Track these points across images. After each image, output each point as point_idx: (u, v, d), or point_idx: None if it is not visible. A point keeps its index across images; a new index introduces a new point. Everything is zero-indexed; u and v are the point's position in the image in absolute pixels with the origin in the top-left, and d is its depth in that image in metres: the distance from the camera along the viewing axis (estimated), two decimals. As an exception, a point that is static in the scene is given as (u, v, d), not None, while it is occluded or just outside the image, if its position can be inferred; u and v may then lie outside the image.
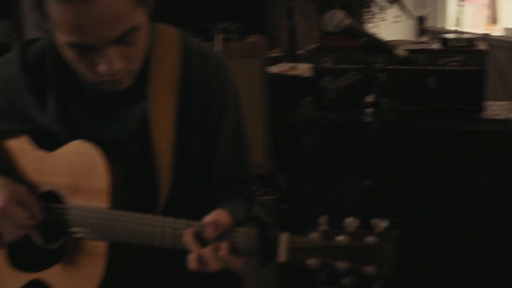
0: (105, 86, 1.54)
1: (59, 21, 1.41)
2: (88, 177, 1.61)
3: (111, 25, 1.40)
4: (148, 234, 1.50)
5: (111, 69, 1.46)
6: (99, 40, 1.42)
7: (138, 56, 1.52)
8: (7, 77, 1.68)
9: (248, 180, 1.75)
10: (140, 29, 1.47)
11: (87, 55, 1.45)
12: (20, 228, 1.64)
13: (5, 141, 1.78)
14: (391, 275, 1.29)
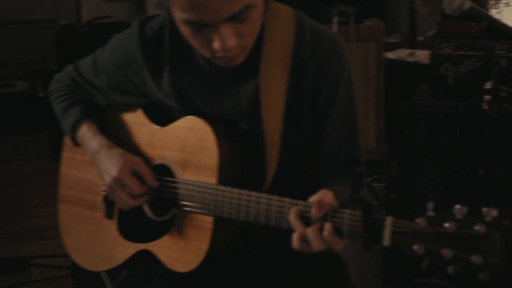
0: (219, 61, 1.56)
1: None
2: (198, 152, 1.64)
3: (227, 3, 1.41)
4: (254, 211, 1.51)
5: (225, 46, 1.47)
6: (214, 18, 1.43)
7: (252, 34, 1.53)
8: (126, 53, 1.73)
9: (358, 162, 1.73)
10: (255, 7, 1.47)
11: (202, 31, 1.47)
12: (133, 197, 1.70)
13: (122, 114, 1.85)
14: (499, 266, 1.24)
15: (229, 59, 1.54)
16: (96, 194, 1.87)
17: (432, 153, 2.73)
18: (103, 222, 1.85)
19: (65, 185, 1.98)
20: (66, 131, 1.86)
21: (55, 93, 1.91)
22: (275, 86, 1.63)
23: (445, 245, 1.27)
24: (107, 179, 1.71)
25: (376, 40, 2.89)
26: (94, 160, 1.78)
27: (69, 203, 1.96)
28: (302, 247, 1.42)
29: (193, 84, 1.69)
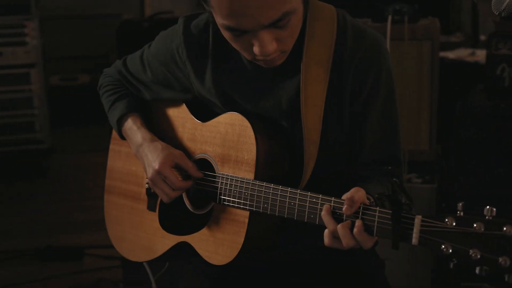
0: (259, 63, 1.58)
1: (217, 5, 1.44)
2: (237, 147, 1.67)
3: (266, 11, 1.42)
4: (288, 206, 1.53)
5: (265, 51, 1.48)
6: (254, 25, 1.44)
7: (291, 37, 1.54)
8: (171, 48, 1.77)
9: (397, 161, 1.72)
10: (294, 12, 1.48)
11: (242, 36, 1.49)
12: (174, 190, 1.73)
13: (166, 109, 1.88)
14: (528, 269, 1.22)
15: (269, 62, 1.55)
16: (140, 186, 1.91)
17: (482, 153, 2.69)
18: (146, 213, 1.89)
19: (111, 176, 2.03)
20: (112, 124, 1.91)
21: (103, 88, 1.96)
22: (316, 85, 1.64)
23: (473, 246, 1.26)
24: (149, 171, 1.75)
25: (431, 40, 2.85)
26: (138, 153, 1.82)
27: (115, 194, 2.01)
28: (333, 243, 1.43)
29: (234, 82, 1.71)
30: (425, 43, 2.86)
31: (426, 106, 2.89)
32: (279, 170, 1.66)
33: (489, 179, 2.75)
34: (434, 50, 2.85)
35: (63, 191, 4.48)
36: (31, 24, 4.61)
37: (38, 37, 4.65)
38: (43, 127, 4.78)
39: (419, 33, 2.86)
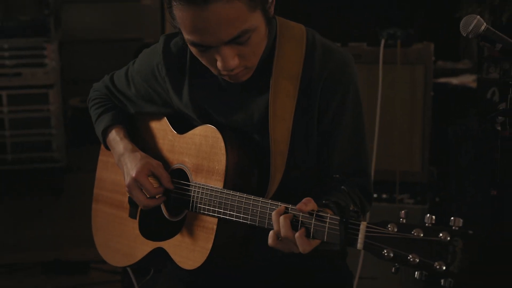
0: (225, 78, 1.67)
1: (181, 22, 1.55)
2: (210, 158, 1.75)
3: (225, 28, 1.52)
4: (250, 213, 1.61)
5: (227, 66, 1.58)
6: (215, 41, 1.55)
7: (254, 54, 1.63)
8: (152, 65, 1.87)
9: (364, 174, 1.79)
10: (255, 31, 1.57)
11: (207, 52, 1.59)
12: (148, 200, 1.82)
13: (149, 122, 1.98)
14: (461, 273, 1.28)
15: (233, 77, 1.65)
16: (124, 195, 2.00)
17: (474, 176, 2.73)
18: (128, 221, 1.98)
19: (99, 186, 2.13)
20: (98, 135, 2.01)
21: (91, 101, 2.07)
22: (285, 100, 1.72)
23: (412, 251, 1.32)
24: (127, 179, 1.84)
25: (424, 64, 2.92)
26: (119, 162, 1.91)
27: (101, 203, 2.10)
28: (275, 244, 1.53)
29: (209, 96, 1.80)
30: (418, 67, 2.93)
31: (419, 129, 2.95)
32: (247, 180, 1.74)
33: (482, 199, 2.79)
34: (427, 74, 2.92)
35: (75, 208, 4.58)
36: (50, 46, 4.77)
37: (57, 59, 4.81)
38: (59, 146, 4.92)
39: (412, 57, 2.93)
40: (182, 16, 1.53)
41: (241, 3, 1.50)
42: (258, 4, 1.55)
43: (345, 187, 1.67)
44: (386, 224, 1.36)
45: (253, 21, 1.55)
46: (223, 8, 1.49)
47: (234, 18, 1.51)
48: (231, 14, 1.50)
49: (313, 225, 1.48)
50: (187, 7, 1.51)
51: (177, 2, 1.52)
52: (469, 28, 1.85)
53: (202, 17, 1.50)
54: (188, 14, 1.52)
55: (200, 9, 1.49)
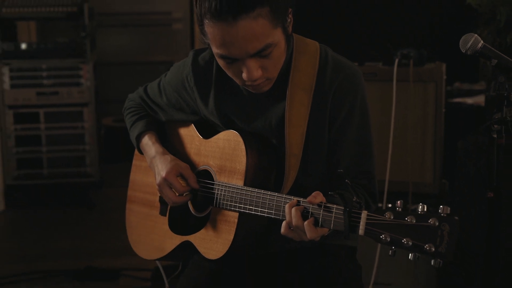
0: (249, 89, 1.89)
1: (211, 37, 1.78)
2: (232, 159, 1.96)
3: (251, 42, 1.74)
4: (267, 206, 1.82)
5: (251, 77, 1.80)
6: (241, 54, 1.77)
7: (275, 67, 1.84)
8: (182, 76, 2.09)
9: (369, 176, 1.99)
10: (276, 45, 1.79)
11: (233, 64, 1.81)
12: (178, 196, 2.03)
13: (178, 128, 2.20)
14: (447, 254, 1.47)
15: (256, 87, 1.87)
16: (155, 195, 2.22)
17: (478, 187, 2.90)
18: (158, 218, 2.19)
19: (132, 187, 2.34)
20: (132, 140, 2.23)
21: (127, 110, 2.29)
22: (299, 108, 1.93)
23: (406, 235, 1.52)
24: (158, 179, 2.05)
25: (435, 82, 3.11)
26: (151, 164, 2.13)
27: (134, 203, 2.32)
28: (287, 232, 1.74)
29: (233, 105, 2.02)
30: (430, 84, 3.12)
31: (430, 143, 3.14)
32: (265, 179, 1.95)
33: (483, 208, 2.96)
34: (438, 91, 3.11)
35: (106, 221, 4.82)
36: (86, 67, 5.03)
37: (92, 79, 5.07)
38: (92, 162, 5.16)
39: (424, 76, 3.12)
40: (213, 32, 1.75)
41: (265, 20, 1.72)
42: (279, 22, 1.77)
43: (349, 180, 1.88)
44: (384, 212, 1.56)
45: (275, 36, 1.77)
46: (250, 24, 1.71)
47: (259, 33, 1.73)
48: (257, 30, 1.72)
49: (321, 215, 1.68)
50: (218, 23, 1.73)
51: (208, 20, 1.74)
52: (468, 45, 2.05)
53: (230, 32, 1.72)
54: (218, 30, 1.74)
55: (230, 25, 1.71)
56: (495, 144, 2.06)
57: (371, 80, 3.14)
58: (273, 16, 1.74)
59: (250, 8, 1.70)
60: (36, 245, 4.39)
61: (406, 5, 4.87)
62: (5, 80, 4.94)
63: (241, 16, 1.70)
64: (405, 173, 3.19)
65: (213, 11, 1.72)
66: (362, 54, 3.36)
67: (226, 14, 1.70)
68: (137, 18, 6.52)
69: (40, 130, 5.06)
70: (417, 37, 4.60)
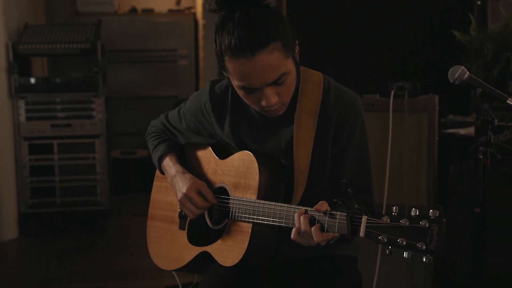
0: (267, 114, 2.14)
1: (232, 72, 2.01)
2: (246, 176, 2.20)
3: (268, 74, 1.98)
4: (278, 216, 2.05)
5: (270, 103, 2.04)
6: (260, 84, 2.00)
7: (288, 92, 2.08)
8: (200, 104, 2.34)
9: (368, 190, 2.22)
10: (289, 73, 2.04)
11: (252, 93, 2.05)
12: (198, 209, 2.26)
13: (196, 150, 2.44)
14: (437, 251, 1.70)
15: (273, 112, 2.11)
16: (175, 211, 2.45)
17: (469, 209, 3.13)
18: (177, 232, 2.41)
19: (153, 205, 2.57)
20: (154, 162, 2.47)
21: (149, 135, 2.54)
22: (306, 131, 2.18)
23: (401, 236, 1.75)
24: (179, 195, 2.29)
25: (429, 112, 3.37)
26: (172, 182, 2.37)
27: (155, 220, 2.55)
28: (297, 238, 1.96)
29: (246, 129, 2.26)
30: (424, 114, 3.37)
31: (425, 169, 3.38)
32: (276, 193, 2.18)
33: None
34: (431, 120, 3.35)
35: (116, 247, 5.04)
36: (98, 100, 5.28)
37: (103, 112, 5.31)
38: (103, 191, 5.39)
39: (418, 106, 3.37)
40: (234, 67, 1.99)
41: (279, 53, 1.97)
42: (290, 53, 2.02)
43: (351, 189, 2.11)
44: (381, 216, 1.80)
45: (288, 66, 2.01)
46: (267, 57, 1.95)
47: (275, 64, 1.97)
48: (273, 62, 1.97)
49: (326, 221, 1.91)
50: (238, 60, 1.96)
51: (229, 57, 1.98)
52: (455, 76, 2.29)
53: (250, 66, 1.96)
54: (239, 65, 1.97)
55: (249, 60, 1.95)
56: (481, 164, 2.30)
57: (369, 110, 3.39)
58: (284, 48, 1.98)
59: (266, 43, 1.94)
60: (50, 269, 4.58)
61: (402, 42, 5.15)
62: (21, 113, 5.18)
63: (258, 51, 1.93)
64: (401, 197, 3.41)
65: (233, 48, 1.95)
66: (360, 87, 3.62)
67: (245, 51, 1.94)
68: (145, 55, 6.77)
69: (54, 160, 5.29)
70: (412, 71, 4.86)
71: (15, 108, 5.18)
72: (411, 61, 4.98)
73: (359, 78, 4.43)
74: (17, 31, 5.34)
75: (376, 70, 4.56)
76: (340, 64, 4.92)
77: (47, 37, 5.28)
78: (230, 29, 1.95)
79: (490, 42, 3.31)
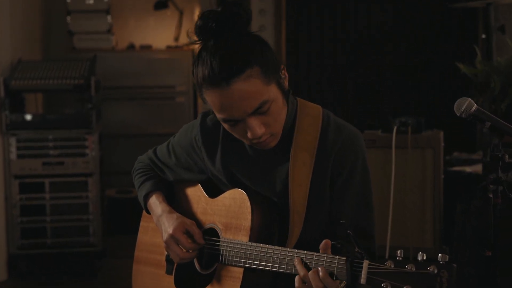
0: (257, 146, 1.98)
1: (211, 103, 1.91)
2: (237, 216, 2.04)
3: (247, 102, 1.86)
4: (272, 260, 1.88)
5: (255, 134, 1.91)
6: (241, 114, 1.88)
7: (276, 122, 1.94)
8: (191, 137, 2.19)
9: (369, 235, 2.05)
10: (273, 101, 1.90)
11: (237, 125, 1.93)
12: (184, 253, 2.09)
13: (185, 188, 2.28)
14: (446, 300, 1.53)
15: (262, 144, 1.96)
16: (162, 254, 2.28)
17: (477, 250, 2.96)
18: (164, 277, 2.24)
19: (139, 248, 2.40)
20: (140, 200, 2.31)
21: (136, 171, 2.38)
22: (302, 168, 2.02)
23: (407, 282, 1.58)
24: (165, 236, 2.12)
25: (433, 148, 3.21)
26: (158, 222, 2.20)
27: (141, 263, 2.38)
28: (301, 286, 1.76)
29: (238, 163, 2.11)
30: (428, 151, 3.22)
31: (430, 208, 3.21)
32: (270, 234, 2.01)
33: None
34: (436, 157, 3.20)
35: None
36: (91, 138, 5.13)
37: (97, 150, 5.16)
38: (96, 232, 5.20)
39: (422, 142, 3.23)
40: (212, 99, 1.89)
41: (257, 80, 1.85)
42: (272, 79, 1.89)
43: (351, 231, 1.94)
44: (385, 261, 1.62)
45: (270, 93, 1.88)
46: (243, 85, 1.84)
47: (253, 92, 1.85)
48: (250, 89, 1.85)
49: (324, 266, 1.74)
50: (214, 90, 1.87)
51: (205, 88, 1.89)
52: (462, 109, 2.14)
53: (227, 96, 1.85)
54: (215, 96, 1.87)
55: (224, 90, 1.85)
56: (492, 203, 2.13)
57: (370, 147, 3.24)
58: (264, 74, 1.87)
59: (240, 71, 1.83)
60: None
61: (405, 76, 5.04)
62: (12, 151, 5.02)
63: (233, 79, 1.83)
64: (405, 239, 3.25)
65: (207, 79, 1.86)
66: (361, 123, 3.47)
67: (219, 80, 1.84)
68: (142, 91, 6.66)
69: (45, 199, 5.11)
70: (416, 106, 4.74)
71: (6, 145, 5.02)
72: (415, 96, 4.87)
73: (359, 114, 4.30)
74: (10, 66, 5.22)
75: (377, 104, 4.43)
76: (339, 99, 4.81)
77: (40, 72, 5.16)
78: (205, 59, 1.88)
79: (497, 74, 3.17)
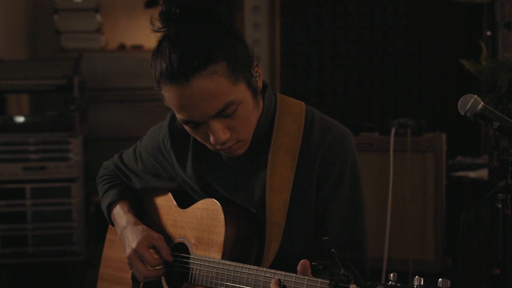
0: (222, 153, 1.73)
1: (170, 101, 1.66)
2: (210, 230, 1.78)
3: (209, 102, 1.61)
4: (246, 281, 1.62)
5: (218, 140, 1.66)
6: (201, 115, 1.63)
7: (245, 126, 1.69)
8: (158, 140, 1.94)
9: (359, 248, 1.79)
10: (240, 103, 1.65)
11: (198, 128, 1.68)
12: (150, 270, 1.83)
13: (154, 198, 2.02)
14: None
15: (228, 151, 1.72)
16: (127, 272, 2.02)
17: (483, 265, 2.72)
18: (131, 297, 1.98)
19: (104, 264, 2.15)
20: (103, 209, 2.05)
21: (100, 178, 2.13)
22: (283, 172, 1.76)
23: (400, 311, 1.32)
24: (128, 251, 1.87)
25: (435, 152, 2.96)
26: (122, 235, 1.94)
27: (106, 281, 2.12)
28: None
29: (211, 170, 1.85)
30: (429, 154, 2.97)
31: (431, 217, 2.96)
32: (246, 251, 1.76)
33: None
34: (438, 161, 2.95)
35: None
36: (75, 141, 4.88)
37: (81, 154, 4.91)
38: (80, 240, 4.96)
39: (423, 145, 2.97)
40: (169, 96, 1.65)
41: (221, 77, 1.60)
42: (241, 78, 1.64)
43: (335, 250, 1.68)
44: (375, 285, 1.36)
45: (237, 93, 1.63)
46: (204, 83, 1.59)
47: (216, 91, 1.60)
48: (213, 88, 1.60)
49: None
50: (171, 86, 1.62)
51: (163, 84, 1.64)
52: (467, 107, 1.89)
53: (185, 94, 1.60)
54: (173, 93, 1.63)
55: (183, 87, 1.60)
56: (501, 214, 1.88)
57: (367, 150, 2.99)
58: (231, 71, 1.62)
59: (202, 66, 1.59)
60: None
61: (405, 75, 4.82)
62: (-10, 155, 4.79)
63: (193, 75, 1.59)
64: (405, 250, 3.00)
65: (165, 74, 1.62)
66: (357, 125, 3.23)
67: (178, 76, 1.59)
68: (132, 93, 6.44)
69: (26, 206, 4.86)
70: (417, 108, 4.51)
71: (-16, 149, 4.78)
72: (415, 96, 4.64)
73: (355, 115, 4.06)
74: (-9, 66, 4.98)
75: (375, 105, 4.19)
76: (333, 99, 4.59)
77: (22, 72, 4.92)
78: (164, 51, 1.63)
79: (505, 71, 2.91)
